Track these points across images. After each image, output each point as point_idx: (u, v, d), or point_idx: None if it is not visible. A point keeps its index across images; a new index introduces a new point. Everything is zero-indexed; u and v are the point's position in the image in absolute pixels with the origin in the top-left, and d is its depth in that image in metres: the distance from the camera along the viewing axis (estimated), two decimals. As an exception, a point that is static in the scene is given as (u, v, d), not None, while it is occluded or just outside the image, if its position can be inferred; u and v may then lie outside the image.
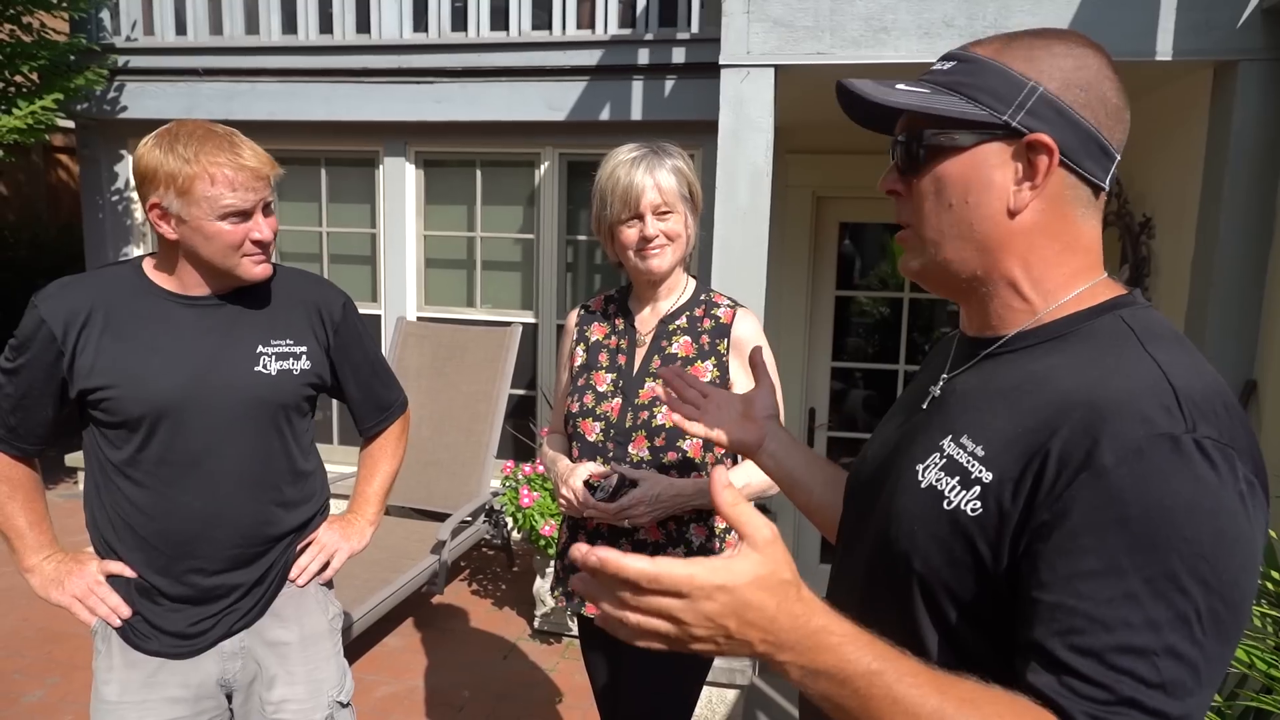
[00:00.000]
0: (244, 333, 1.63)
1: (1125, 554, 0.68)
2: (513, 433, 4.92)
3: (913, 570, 0.82)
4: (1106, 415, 0.72)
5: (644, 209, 1.73)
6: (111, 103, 5.12)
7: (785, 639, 0.70)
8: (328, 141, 5.09)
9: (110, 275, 1.61)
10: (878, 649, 0.71)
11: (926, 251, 0.88)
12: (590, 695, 3.36)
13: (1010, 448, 0.77)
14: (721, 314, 1.82)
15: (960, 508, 0.78)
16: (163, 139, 1.51)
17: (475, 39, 4.65)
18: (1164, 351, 0.77)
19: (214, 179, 1.48)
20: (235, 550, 1.63)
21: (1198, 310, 2.92)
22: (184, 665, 1.64)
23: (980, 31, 2.90)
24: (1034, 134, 0.81)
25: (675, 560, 0.68)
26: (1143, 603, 0.68)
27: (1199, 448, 0.69)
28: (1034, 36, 0.85)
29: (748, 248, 3.11)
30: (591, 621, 1.90)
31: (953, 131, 0.84)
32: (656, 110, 4.45)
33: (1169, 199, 3.26)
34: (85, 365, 1.53)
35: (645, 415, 1.76)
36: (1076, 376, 0.77)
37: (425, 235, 5.13)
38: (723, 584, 0.68)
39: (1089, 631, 0.69)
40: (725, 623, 0.69)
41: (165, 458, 1.56)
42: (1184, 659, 0.67)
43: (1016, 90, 0.82)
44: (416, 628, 3.92)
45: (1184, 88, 3.15)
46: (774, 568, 0.70)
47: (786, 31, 3.02)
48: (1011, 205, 0.83)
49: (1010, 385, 0.82)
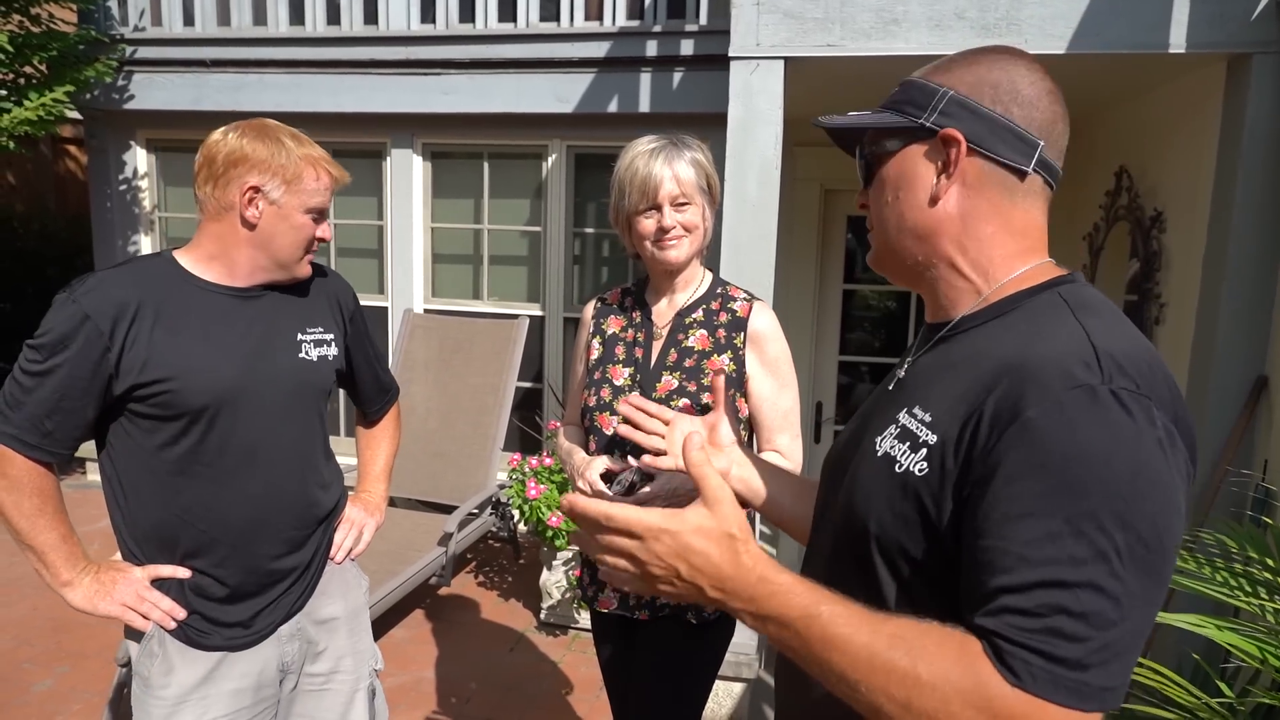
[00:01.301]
0: (285, 322, 1.69)
1: (1048, 496, 0.74)
2: (519, 425, 4.93)
3: (869, 532, 0.89)
4: (1032, 373, 0.79)
5: (662, 200, 1.73)
6: (119, 93, 5.12)
7: (732, 587, 0.82)
8: (335, 133, 5.08)
9: (148, 267, 1.59)
10: (816, 595, 0.81)
11: (880, 244, 1.01)
12: (596, 687, 3.38)
13: (952, 411, 0.84)
14: (738, 307, 1.81)
15: (910, 470, 0.86)
16: (264, 130, 1.58)
17: (483, 31, 4.64)
18: (1092, 318, 0.84)
19: (318, 175, 1.61)
20: (291, 533, 1.69)
21: (1209, 305, 2.90)
22: (245, 656, 1.65)
23: (992, 24, 2.88)
24: (944, 129, 0.92)
25: (630, 506, 0.83)
26: (1064, 541, 0.73)
27: (1115, 397, 0.75)
28: (962, 54, 0.97)
29: (756, 241, 3.10)
30: (604, 615, 1.90)
31: (884, 140, 0.97)
32: (665, 102, 4.44)
33: (1181, 193, 3.24)
34: (137, 360, 1.50)
35: (661, 408, 1.75)
36: (1011, 343, 0.85)
37: (432, 227, 5.13)
38: (668, 528, 0.82)
39: (1015, 570, 0.74)
40: (674, 564, 0.82)
41: (226, 448, 1.59)
42: (1104, 592, 0.72)
43: (930, 97, 0.94)
44: (424, 619, 3.94)
45: (1197, 80, 3.13)
46: (719, 522, 0.82)
47: (796, 23, 3.01)
48: (933, 194, 0.93)
49: (959, 359, 0.90)
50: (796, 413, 1.83)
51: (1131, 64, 3.02)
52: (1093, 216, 4.10)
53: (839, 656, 0.78)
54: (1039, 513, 0.74)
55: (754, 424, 1.82)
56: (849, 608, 0.79)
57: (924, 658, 0.75)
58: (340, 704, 1.80)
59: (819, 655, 0.79)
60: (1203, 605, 2.08)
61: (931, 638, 0.77)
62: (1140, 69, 3.16)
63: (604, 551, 0.85)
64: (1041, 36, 2.85)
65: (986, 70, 0.93)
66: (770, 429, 1.80)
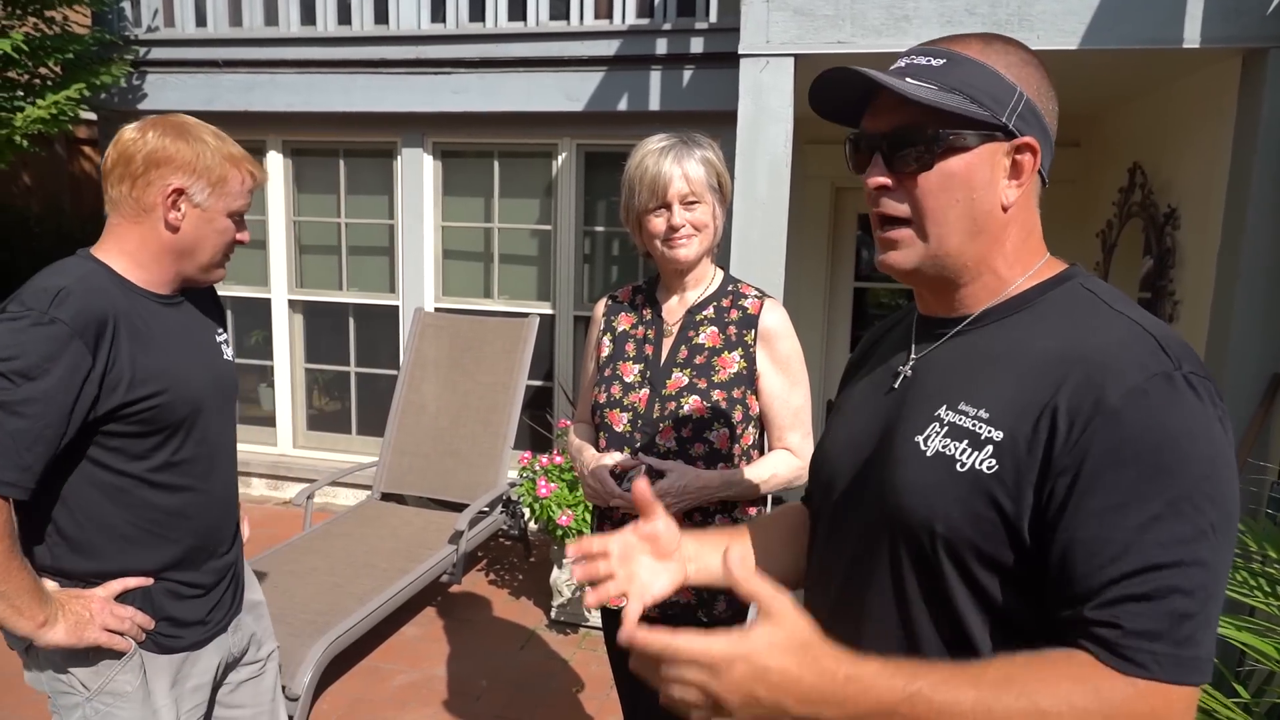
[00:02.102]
0: (204, 325, 1.69)
1: (1145, 483, 0.76)
2: (530, 424, 4.93)
3: (936, 534, 0.86)
4: (1105, 366, 0.80)
5: (671, 198, 1.73)
6: (133, 93, 5.15)
7: (820, 696, 0.76)
8: (346, 133, 5.10)
9: (99, 278, 1.50)
10: (906, 671, 0.77)
11: (929, 245, 0.92)
12: (606, 685, 3.38)
13: (1014, 406, 0.84)
14: (749, 305, 1.81)
15: (975, 467, 0.84)
16: (185, 129, 1.52)
17: (493, 29, 4.65)
18: (1129, 309, 0.87)
19: (243, 178, 1.58)
20: (233, 527, 1.75)
21: (1223, 302, 2.88)
22: (204, 653, 1.67)
23: (1003, 19, 2.87)
24: (1024, 137, 0.90)
25: (694, 636, 0.77)
26: (1168, 523, 0.75)
27: (1188, 382, 0.78)
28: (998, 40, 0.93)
29: (766, 238, 3.09)
30: (615, 614, 1.90)
31: (963, 130, 0.89)
32: (675, 100, 4.44)
33: (1195, 190, 3.21)
34: (124, 376, 1.44)
35: (673, 406, 1.75)
36: (1059, 338, 0.85)
37: (443, 226, 5.14)
38: (739, 653, 0.76)
39: (1124, 557, 0.75)
40: (753, 689, 0.76)
41: (199, 454, 1.60)
42: (1208, 566, 0.75)
43: (1009, 94, 0.89)
44: (435, 617, 3.94)
45: (1211, 76, 3.10)
46: (790, 632, 0.77)
47: (806, 20, 3.00)
48: (1005, 201, 0.91)
49: (996, 353, 0.89)
50: (808, 410, 1.83)
51: (1145, 59, 3.00)
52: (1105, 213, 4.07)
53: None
54: (1139, 499, 0.75)
55: (764, 422, 1.82)
56: (943, 670, 0.77)
57: (1038, 691, 0.74)
58: (272, 683, 1.88)
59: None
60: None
61: (1036, 669, 0.76)
62: (1154, 64, 3.14)
63: (672, 684, 0.79)
64: (1053, 32, 2.83)
65: (1040, 76, 0.92)
66: (781, 427, 1.80)
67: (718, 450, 1.75)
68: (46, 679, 1.55)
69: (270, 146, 5.26)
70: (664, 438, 1.76)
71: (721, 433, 1.74)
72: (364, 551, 3.85)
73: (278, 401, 5.51)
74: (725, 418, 1.75)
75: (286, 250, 5.36)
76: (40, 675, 1.56)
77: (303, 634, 3.04)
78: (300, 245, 5.41)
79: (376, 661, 3.52)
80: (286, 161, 5.29)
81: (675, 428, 1.75)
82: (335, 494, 5.26)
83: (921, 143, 0.90)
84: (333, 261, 5.36)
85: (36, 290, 1.42)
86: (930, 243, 0.92)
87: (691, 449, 1.74)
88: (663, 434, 1.76)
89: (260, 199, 5.33)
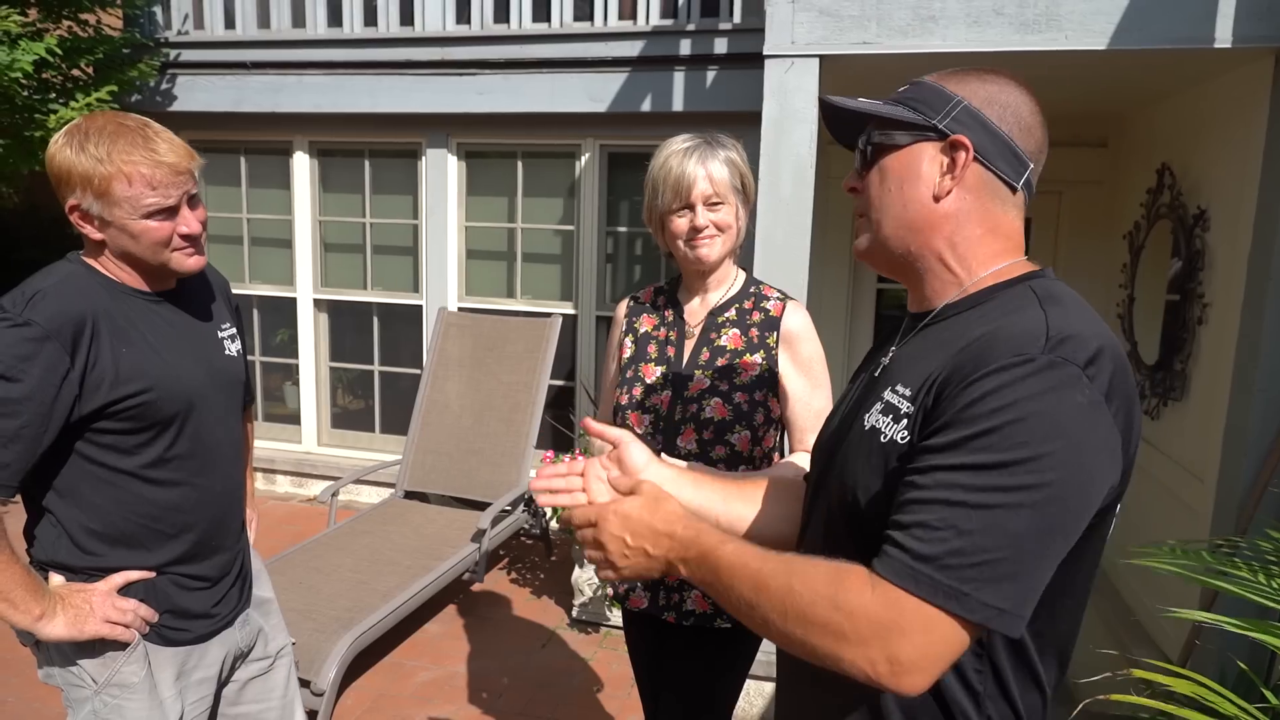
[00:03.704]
0: (204, 321, 1.67)
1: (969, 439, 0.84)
2: (552, 423, 4.95)
3: (857, 502, 0.97)
4: (991, 346, 0.88)
5: (695, 199, 1.73)
6: (163, 95, 5.23)
7: (665, 540, 1.02)
8: (371, 133, 5.15)
9: (80, 279, 1.50)
10: (724, 535, 1.00)
11: (874, 232, 1.05)
12: (627, 685, 3.39)
13: (924, 381, 0.94)
14: (771, 306, 1.81)
15: (893, 439, 0.94)
16: (73, 136, 1.43)
17: (517, 30, 4.67)
18: (1054, 307, 0.92)
19: (131, 179, 1.43)
20: (236, 523, 1.74)
21: (1253, 306, 2.84)
22: (210, 646, 1.68)
23: (1030, 20, 2.84)
24: (955, 134, 0.99)
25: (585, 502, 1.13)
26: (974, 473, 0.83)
27: (1050, 366, 0.84)
28: (972, 70, 1.04)
29: (790, 239, 3.09)
30: (635, 614, 1.91)
31: (894, 131, 1.02)
32: (698, 101, 4.44)
33: (1225, 191, 3.17)
34: (106, 376, 1.45)
35: (694, 408, 1.76)
36: (982, 327, 0.94)
37: (466, 226, 5.17)
38: (612, 509, 1.07)
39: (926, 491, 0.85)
40: (621, 534, 1.04)
41: (194, 450, 1.60)
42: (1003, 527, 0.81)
43: (945, 102, 1.01)
44: (457, 615, 3.97)
45: (1243, 76, 3.06)
46: (648, 491, 1.07)
47: (832, 21, 2.99)
48: (936, 192, 1.00)
49: (941, 342, 0.98)
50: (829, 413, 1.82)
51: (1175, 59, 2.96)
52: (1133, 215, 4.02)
53: (738, 581, 0.93)
54: (959, 450, 0.84)
55: (786, 424, 1.81)
56: (753, 546, 0.96)
57: (801, 572, 0.89)
58: (283, 680, 1.88)
59: (725, 582, 0.95)
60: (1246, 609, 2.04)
61: (815, 562, 0.90)
62: (1184, 64, 3.10)
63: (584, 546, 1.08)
64: (1082, 32, 2.80)
65: (997, 90, 1.01)
66: (803, 429, 1.80)
67: (739, 453, 1.75)
68: (59, 674, 1.58)
69: (297, 147, 5.32)
70: (685, 440, 1.76)
71: (743, 435, 1.74)
72: (388, 549, 3.88)
73: (302, 400, 5.57)
74: (747, 420, 1.75)
75: (312, 250, 5.42)
76: (52, 670, 1.58)
77: (328, 629, 3.08)
78: (325, 245, 5.46)
79: (399, 658, 3.55)
80: (313, 162, 5.34)
81: (697, 430, 1.75)
82: (359, 491, 5.31)
83: (866, 144, 1.05)
84: (357, 261, 5.41)
85: (15, 293, 1.44)
86: (875, 230, 1.05)
87: (713, 451, 1.74)
88: (684, 436, 1.76)
89: (286, 199, 5.39)
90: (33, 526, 1.56)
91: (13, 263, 4.97)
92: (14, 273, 1.62)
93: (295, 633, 2.77)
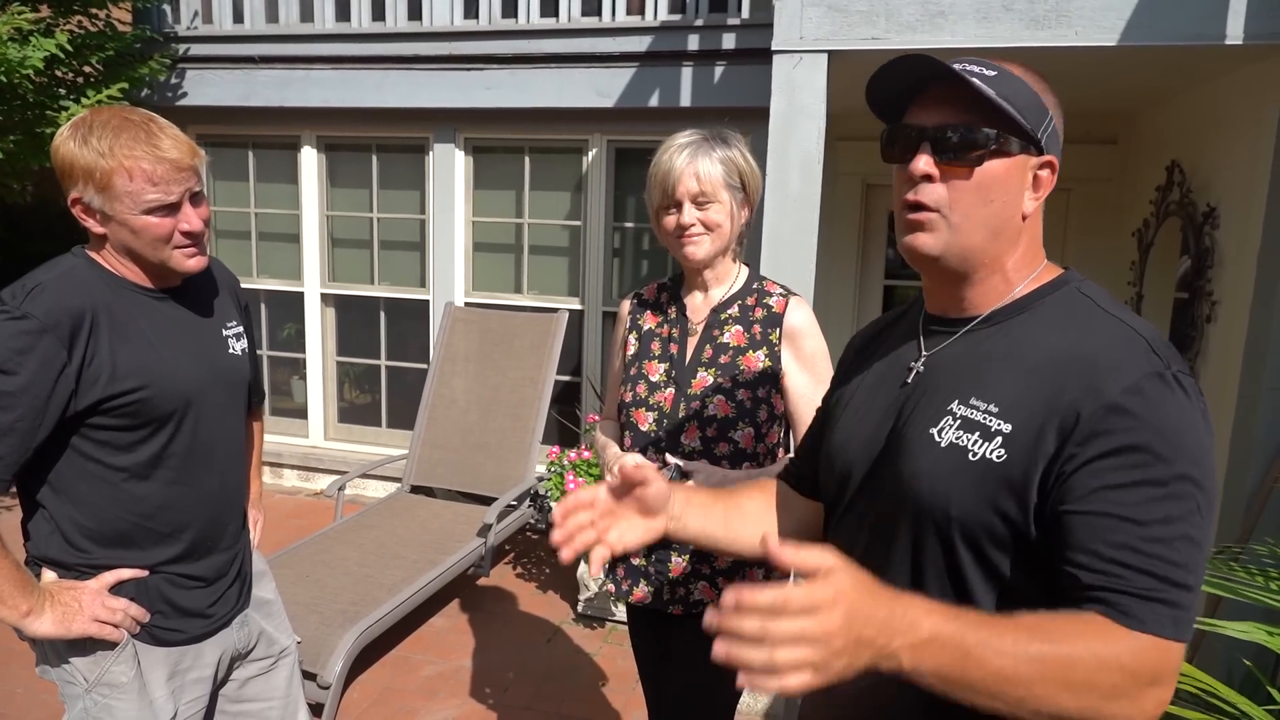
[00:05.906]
0: (207, 319, 1.65)
1: (1143, 468, 0.86)
2: (558, 418, 4.96)
3: (951, 518, 0.95)
4: (1105, 366, 0.89)
5: (681, 196, 1.72)
6: (172, 90, 5.24)
7: (891, 624, 0.81)
8: (379, 128, 5.15)
9: (81, 273, 1.49)
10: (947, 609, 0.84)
11: (952, 236, 0.99)
12: (632, 679, 3.40)
13: (1021, 402, 0.93)
14: (774, 303, 1.81)
15: (986, 457, 0.93)
16: (78, 130, 1.43)
17: (525, 26, 4.67)
18: (1120, 312, 0.96)
19: (132, 174, 1.42)
20: (235, 523, 1.73)
21: (1262, 304, 2.83)
22: (205, 647, 1.67)
23: (1040, 16, 2.83)
24: (1050, 155, 0.99)
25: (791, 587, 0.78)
26: (1163, 502, 0.85)
27: (1177, 380, 0.89)
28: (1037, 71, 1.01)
29: (797, 235, 3.08)
30: (639, 609, 1.91)
31: (1011, 136, 0.97)
32: (706, 97, 4.43)
33: (1235, 188, 3.15)
34: (103, 371, 1.44)
35: (698, 405, 1.76)
36: (1059, 339, 0.95)
37: (473, 221, 5.18)
38: (837, 592, 0.78)
39: (1127, 530, 0.85)
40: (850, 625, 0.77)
41: (191, 449, 1.58)
42: (1194, 541, 0.86)
43: (1043, 115, 0.98)
44: (462, 609, 3.98)
45: (1254, 73, 3.04)
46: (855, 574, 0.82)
47: (840, 16, 2.98)
48: (1025, 210, 1.00)
49: (1002, 353, 0.98)
50: (834, 410, 1.82)
51: (1186, 56, 2.94)
52: (1142, 212, 4.00)
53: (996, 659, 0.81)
54: (1138, 482, 0.85)
55: (790, 421, 1.81)
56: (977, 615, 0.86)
57: (1065, 640, 0.84)
58: (285, 679, 1.88)
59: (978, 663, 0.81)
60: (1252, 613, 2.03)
61: (1060, 622, 0.85)
62: (1195, 61, 3.08)
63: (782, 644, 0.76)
64: (1092, 28, 2.79)
65: (1057, 104, 1.00)
66: (806, 425, 1.79)
67: (743, 449, 1.75)
68: (53, 671, 1.58)
69: (305, 142, 5.33)
70: (689, 437, 1.76)
71: (746, 432, 1.74)
72: (394, 543, 3.90)
73: (309, 394, 5.59)
74: (750, 417, 1.75)
75: (319, 244, 5.43)
76: (47, 667, 1.59)
77: (334, 623, 3.09)
78: (333, 239, 5.47)
79: (405, 652, 3.57)
80: (320, 157, 5.35)
81: (700, 427, 1.75)
82: (365, 486, 5.33)
83: (975, 140, 0.96)
84: (364, 256, 5.43)
85: (15, 286, 1.44)
86: (955, 235, 0.99)
87: (716, 448, 1.74)
88: (688, 433, 1.76)
89: (294, 194, 5.40)
90: (27, 522, 1.55)
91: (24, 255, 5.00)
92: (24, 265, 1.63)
93: (301, 626, 2.78)
